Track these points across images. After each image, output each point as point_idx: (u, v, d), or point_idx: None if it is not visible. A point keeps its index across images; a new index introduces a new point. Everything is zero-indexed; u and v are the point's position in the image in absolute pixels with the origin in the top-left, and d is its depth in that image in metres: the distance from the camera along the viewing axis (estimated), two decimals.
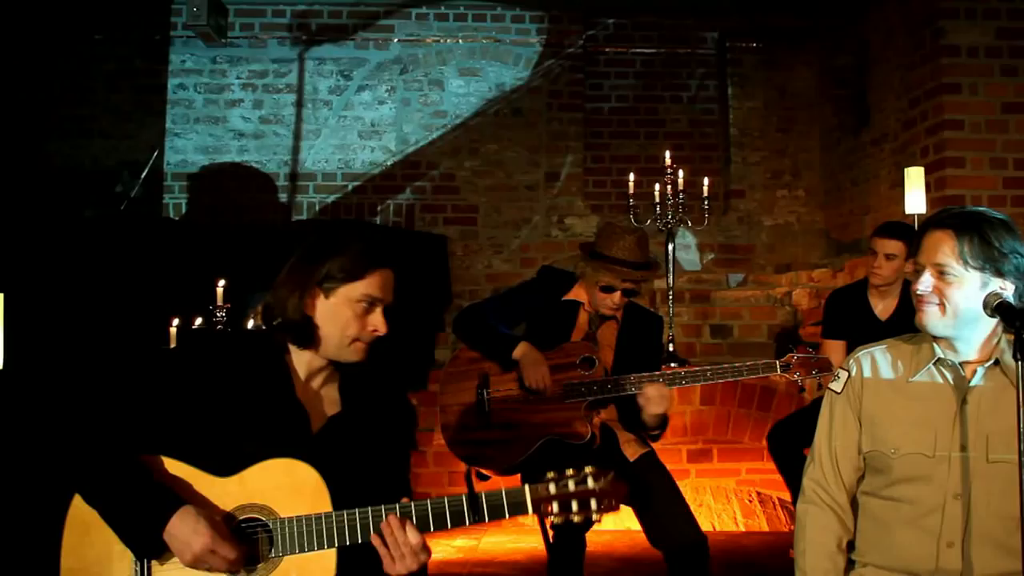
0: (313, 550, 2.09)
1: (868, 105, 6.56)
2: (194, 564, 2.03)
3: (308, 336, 2.23)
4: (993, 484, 2.27)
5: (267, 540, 2.10)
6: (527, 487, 2.12)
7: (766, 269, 6.91)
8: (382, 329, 2.23)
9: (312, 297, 2.23)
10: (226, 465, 2.13)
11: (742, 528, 5.39)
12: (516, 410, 3.69)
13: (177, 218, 6.92)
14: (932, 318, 2.33)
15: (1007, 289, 2.29)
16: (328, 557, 2.09)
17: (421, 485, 5.64)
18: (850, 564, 2.48)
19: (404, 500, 2.12)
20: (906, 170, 5.08)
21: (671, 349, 5.62)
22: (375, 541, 2.08)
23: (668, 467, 3.77)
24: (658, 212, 5.74)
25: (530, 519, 4.15)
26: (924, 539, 2.34)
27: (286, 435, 2.18)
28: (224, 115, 7.02)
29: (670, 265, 5.67)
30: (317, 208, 7.01)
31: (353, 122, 7.08)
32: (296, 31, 7.05)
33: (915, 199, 4.99)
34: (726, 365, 3.64)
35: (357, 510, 2.09)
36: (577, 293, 3.80)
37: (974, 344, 2.38)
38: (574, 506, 2.12)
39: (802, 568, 2.48)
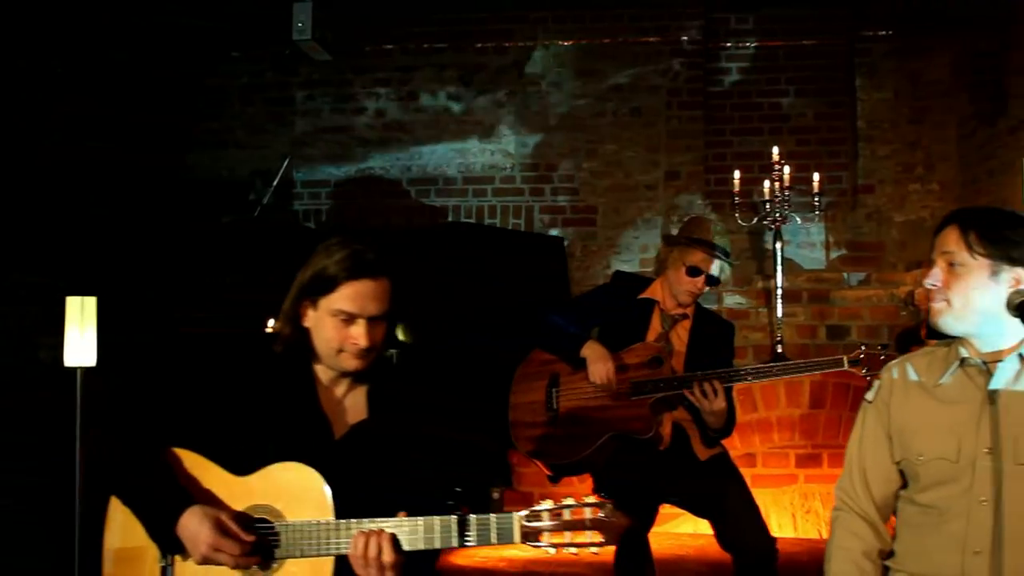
0: (312, 556, 2.12)
1: (1005, 92, 6.17)
2: (203, 561, 2.11)
3: (302, 347, 2.27)
4: None
5: (274, 541, 2.14)
6: (515, 514, 2.06)
7: (897, 267, 6.59)
8: (363, 342, 2.21)
9: (304, 308, 2.25)
10: (246, 465, 2.19)
11: None
12: (583, 408, 3.75)
13: (306, 223, 7.21)
14: (939, 314, 2.28)
15: (1021, 280, 2.20)
16: (325, 564, 2.13)
17: (525, 484, 5.70)
18: (886, 571, 2.42)
19: (401, 515, 2.11)
20: None
21: (779, 351, 5.46)
22: (349, 553, 2.09)
23: (776, 471, 3.76)
24: (766, 209, 5.59)
25: None
26: (950, 547, 2.26)
27: (308, 441, 2.22)
28: (350, 123, 7.25)
29: (778, 264, 5.51)
30: (438, 212, 7.15)
31: (473, 126, 7.18)
32: (417, 39, 7.21)
33: None
34: (795, 361, 3.58)
35: (353, 521, 2.10)
36: (652, 292, 3.86)
37: (997, 342, 2.27)
38: (567, 537, 2.03)
39: (827, 572, 2.45)
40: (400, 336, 5.62)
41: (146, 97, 7.04)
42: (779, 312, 5.49)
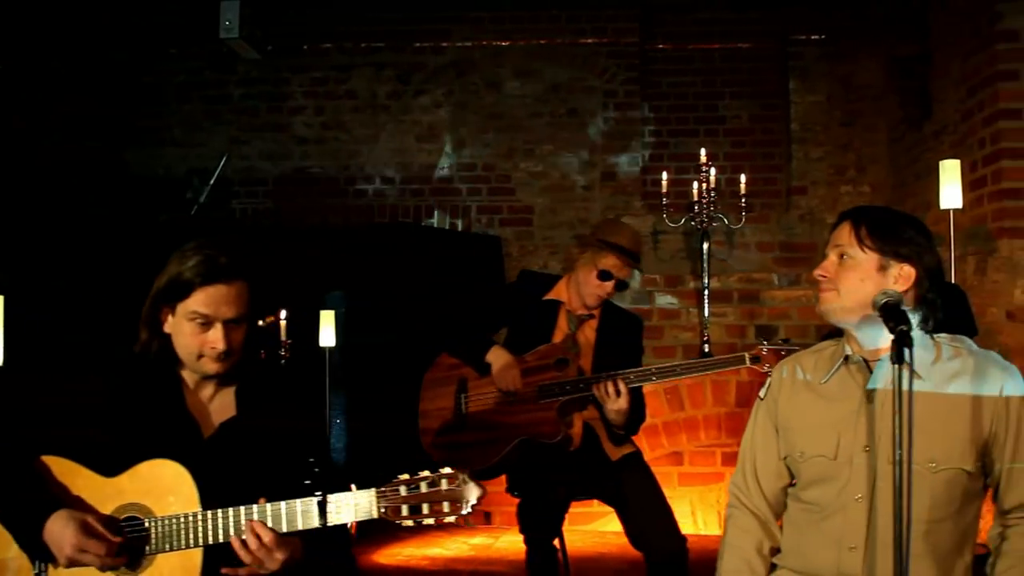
0: (181, 548, 2.15)
1: (929, 96, 6.27)
2: (69, 564, 2.11)
3: (165, 353, 2.29)
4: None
5: (144, 538, 2.17)
6: (374, 490, 2.10)
7: None
8: (220, 346, 2.24)
9: (163, 314, 2.28)
10: (116, 467, 2.21)
11: None
12: (492, 413, 3.76)
13: (244, 222, 7.17)
14: (827, 303, 2.34)
15: (908, 276, 2.26)
16: (194, 556, 2.16)
17: None
18: (773, 568, 2.47)
19: (261, 501, 2.14)
20: (941, 163, 4.83)
21: (706, 350, 5.52)
22: (234, 544, 2.12)
23: (703, 470, 3.78)
24: (695, 211, 5.65)
25: None
26: (827, 543, 2.32)
27: (177, 442, 2.25)
28: (287, 122, 7.23)
29: (705, 264, 5.57)
30: (375, 211, 7.14)
31: (411, 126, 7.18)
32: (355, 38, 7.20)
33: (950, 194, 4.76)
34: (697, 360, 3.62)
35: (220, 511, 2.14)
36: (558, 292, 3.87)
37: (880, 339, 2.33)
38: (424, 509, 2.08)
39: (719, 570, 2.50)
40: (332, 333, 5.61)
41: (83, 93, 6.98)
42: (706, 312, 5.55)
